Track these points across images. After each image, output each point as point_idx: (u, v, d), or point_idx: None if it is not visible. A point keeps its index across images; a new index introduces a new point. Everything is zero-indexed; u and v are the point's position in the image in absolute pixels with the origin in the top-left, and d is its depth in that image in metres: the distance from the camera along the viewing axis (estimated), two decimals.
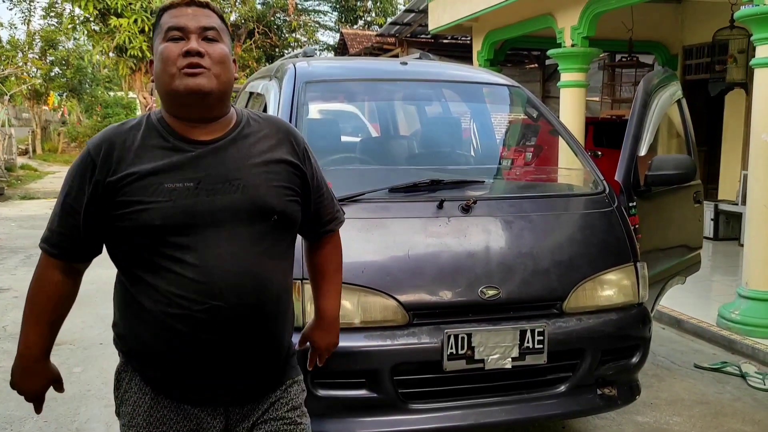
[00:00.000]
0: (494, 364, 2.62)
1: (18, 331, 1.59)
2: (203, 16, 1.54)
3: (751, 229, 5.05)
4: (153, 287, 1.50)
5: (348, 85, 3.82)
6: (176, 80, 1.49)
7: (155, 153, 1.51)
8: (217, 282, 1.48)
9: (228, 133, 1.58)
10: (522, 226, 2.92)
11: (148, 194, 1.46)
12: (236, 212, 1.51)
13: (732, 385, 4.14)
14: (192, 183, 1.49)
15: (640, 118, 3.45)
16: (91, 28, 17.98)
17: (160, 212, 1.46)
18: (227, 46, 1.57)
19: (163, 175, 1.48)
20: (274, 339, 1.63)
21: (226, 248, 1.49)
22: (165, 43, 1.52)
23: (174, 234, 1.47)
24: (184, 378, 1.55)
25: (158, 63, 1.53)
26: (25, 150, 25.47)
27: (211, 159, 1.52)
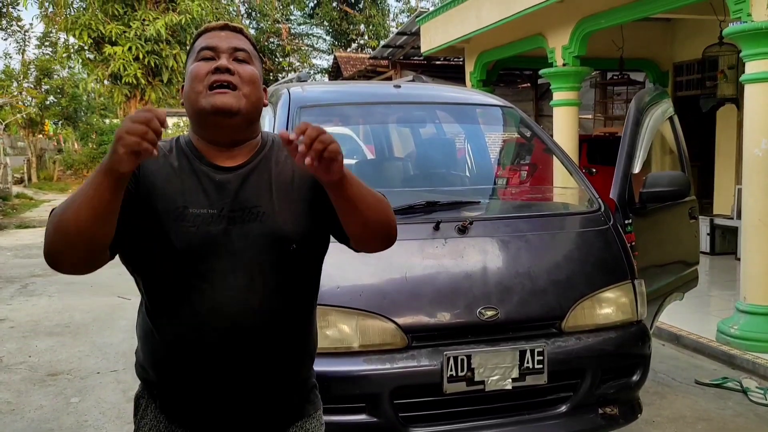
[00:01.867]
0: (494, 385, 2.61)
1: (15, 361, 1.56)
2: (235, 38, 1.55)
3: (747, 243, 5.06)
4: (167, 314, 1.49)
5: (342, 109, 3.85)
6: (202, 98, 1.47)
7: (183, 177, 1.49)
8: (230, 312, 1.45)
9: (252, 158, 1.54)
10: (518, 245, 2.93)
11: (173, 218, 1.44)
12: (254, 241, 1.47)
13: (734, 401, 4.13)
14: (215, 210, 1.46)
15: (633, 135, 3.48)
16: (86, 56, 18.09)
17: (183, 237, 1.44)
18: (258, 71, 1.56)
19: (188, 200, 1.46)
20: (289, 371, 1.58)
21: (243, 278, 1.46)
22: (196, 62, 1.51)
23: (193, 260, 1.45)
24: (196, 407, 1.53)
25: (187, 82, 1.51)
26: (21, 179, 25.46)
27: (234, 186, 1.49)
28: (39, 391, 4.41)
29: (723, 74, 8.15)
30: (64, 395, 4.33)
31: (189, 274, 1.45)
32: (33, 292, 7.60)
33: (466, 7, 8.74)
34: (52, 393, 4.38)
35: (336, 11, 28.88)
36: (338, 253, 2.78)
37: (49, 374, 4.75)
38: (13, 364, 4.98)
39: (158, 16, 16.64)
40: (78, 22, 16.49)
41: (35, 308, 6.78)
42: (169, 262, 1.45)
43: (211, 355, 1.48)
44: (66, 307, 6.73)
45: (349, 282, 2.65)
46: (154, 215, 1.44)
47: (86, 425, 3.88)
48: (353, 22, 29.00)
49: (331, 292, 2.60)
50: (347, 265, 2.69)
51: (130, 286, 6.53)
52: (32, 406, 4.17)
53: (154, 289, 1.52)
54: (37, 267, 9.18)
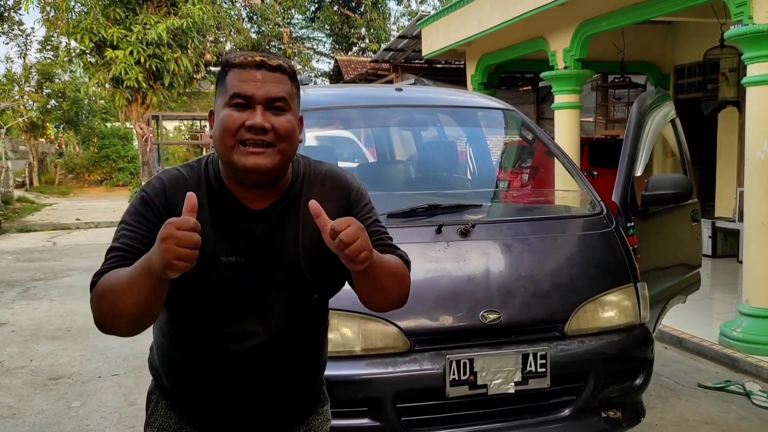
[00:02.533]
0: (497, 389, 2.60)
1: (16, 365, 1.57)
2: (273, 82, 1.41)
3: (749, 246, 5.05)
4: (187, 333, 1.53)
5: (343, 112, 3.85)
6: (234, 155, 1.39)
7: (213, 221, 1.44)
8: (250, 344, 1.49)
9: (281, 198, 1.49)
10: (521, 249, 2.92)
11: (205, 265, 1.36)
12: (277, 286, 1.48)
13: (737, 404, 4.11)
14: (243, 258, 1.45)
15: (635, 138, 3.47)
16: (87, 60, 18.09)
17: (210, 283, 1.42)
18: (295, 114, 1.46)
19: (217, 246, 1.43)
20: (302, 385, 1.63)
21: (266, 324, 1.49)
22: (227, 109, 1.40)
23: (216, 302, 1.46)
24: (208, 411, 1.56)
25: (217, 129, 1.41)
26: (22, 182, 25.48)
27: (261, 230, 1.47)
28: (40, 396, 4.41)
29: (724, 77, 8.14)
30: (65, 399, 4.32)
31: (215, 314, 1.48)
32: (34, 296, 7.60)
33: (467, 11, 8.74)
34: (53, 397, 4.37)
35: (337, 15, 28.91)
36: None
37: (51, 378, 4.74)
38: (14, 369, 4.98)
39: (160, 20, 16.65)
40: (79, 26, 16.49)
41: (37, 312, 6.78)
42: (194, 300, 1.45)
43: (227, 373, 1.52)
44: (67, 311, 6.73)
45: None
46: None
47: (87, 430, 3.87)
48: (354, 26, 29.03)
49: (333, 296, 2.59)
50: None
51: None
52: (33, 410, 4.16)
53: (176, 313, 1.52)
54: (38, 271, 9.19)
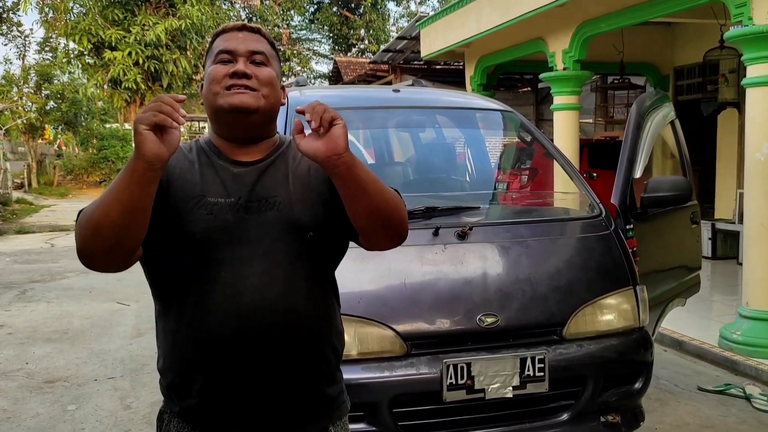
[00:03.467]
0: (495, 393, 2.58)
1: (12, 368, 1.53)
2: (253, 40, 1.57)
3: (749, 248, 5.03)
4: (187, 305, 1.49)
5: (341, 113, 3.81)
6: (220, 98, 1.50)
7: (201, 169, 1.53)
8: (248, 302, 1.46)
9: (269, 154, 1.58)
10: (519, 251, 2.89)
11: (191, 207, 1.47)
12: (271, 230, 1.49)
13: (737, 408, 4.09)
14: (232, 199, 1.49)
15: (634, 140, 3.45)
16: (86, 61, 18.10)
17: (201, 225, 1.46)
18: (276, 71, 1.58)
19: (206, 190, 1.50)
20: (310, 364, 1.55)
21: (260, 267, 1.47)
22: (214, 65, 1.54)
23: (211, 247, 1.47)
24: (218, 403, 1.51)
25: (206, 84, 1.55)
26: (21, 184, 25.44)
27: (251, 178, 1.53)
28: (36, 399, 4.38)
29: (724, 78, 8.11)
30: (61, 403, 4.29)
31: (208, 261, 1.47)
32: (32, 297, 7.57)
33: (466, 12, 8.72)
34: (49, 400, 4.34)
35: (336, 16, 28.92)
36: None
37: (47, 381, 4.71)
38: (10, 371, 4.94)
39: (158, 21, 16.64)
40: (78, 27, 16.50)
41: (33, 314, 6.75)
42: (188, 249, 1.47)
43: (231, 345, 1.47)
44: (64, 313, 6.70)
45: (348, 289, 2.60)
46: (174, 204, 1.48)
47: None
48: (353, 27, 29.03)
49: None
50: (345, 271, 2.64)
51: (128, 292, 6.54)
52: (29, 413, 4.13)
53: (173, 281, 1.51)
54: (36, 273, 9.15)
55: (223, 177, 1.52)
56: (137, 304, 6.91)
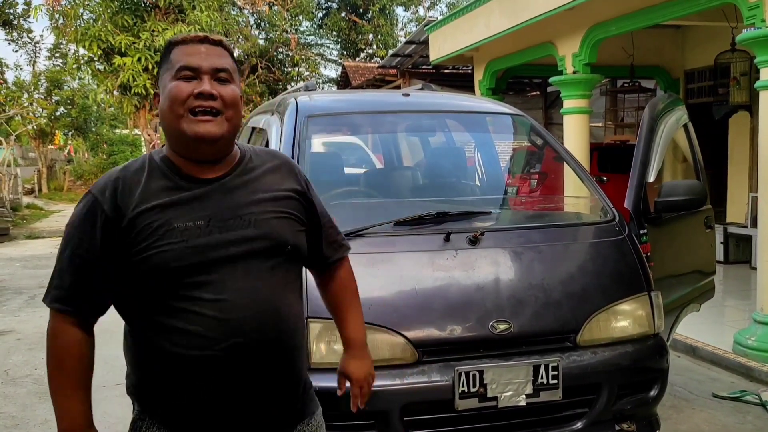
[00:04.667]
0: (508, 401, 2.53)
1: (21, 374, 1.54)
2: (216, 56, 1.50)
3: (763, 252, 4.96)
4: (171, 330, 1.47)
5: (350, 118, 3.79)
6: (184, 123, 1.46)
7: (161, 194, 1.47)
8: (237, 318, 1.46)
9: (233, 169, 1.55)
10: (531, 257, 2.85)
11: (159, 236, 1.43)
12: (251, 246, 1.49)
13: (753, 415, 4.02)
14: (202, 221, 1.46)
15: (647, 144, 3.40)
16: (96, 67, 18.16)
17: (173, 254, 1.43)
18: (238, 86, 1.55)
19: (172, 216, 1.45)
20: (293, 371, 1.60)
21: (243, 283, 1.47)
22: (175, 81, 1.47)
23: (190, 274, 1.44)
24: (205, 417, 1.52)
25: (165, 101, 1.48)
26: (31, 189, 25.59)
27: (219, 195, 1.50)
28: (44, 405, 4.36)
29: (735, 81, 8.05)
30: None
31: (188, 287, 1.45)
32: (41, 303, 7.52)
33: (475, 15, 8.69)
34: None
35: (344, 21, 28.95)
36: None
37: None
38: (19, 377, 4.94)
39: (167, 27, 16.69)
40: (88, 33, 16.55)
41: (43, 320, 6.67)
42: (163, 281, 1.45)
43: (220, 362, 1.47)
44: None
45: None
46: (139, 240, 1.44)
47: None
48: (362, 32, 29.05)
49: None
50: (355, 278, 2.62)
51: None
52: (37, 420, 4.12)
53: (152, 309, 1.49)
54: (46, 278, 9.10)
55: (187, 198, 1.48)
56: None
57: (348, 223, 2.79)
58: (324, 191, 3.32)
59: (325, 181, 3.51)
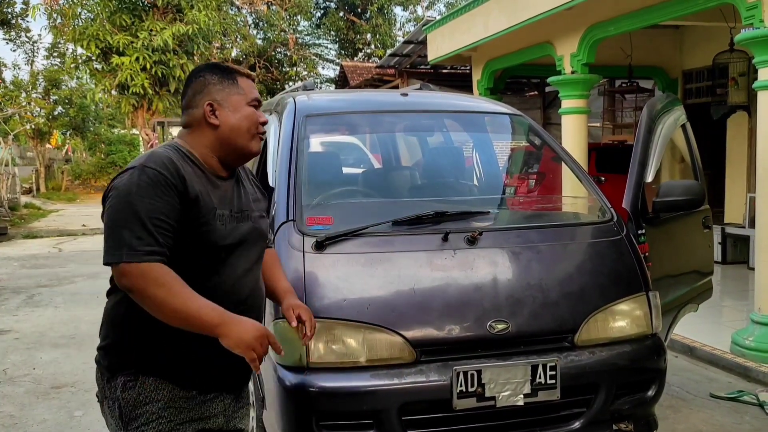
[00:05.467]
0: (506, 401, 2.54)
1: (19, 374, 1.55)
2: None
3: (760, 253, 4.97)
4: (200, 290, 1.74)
5: (348, 117, 3.79)
6: (253, 142, 1.90)
7: (203, 183, 1.81)
8: (243, 290, 1.88)
9: (235, 170, 1.97)
10: (529, 257, 2.85)
11: (210, 218, 1.78)
12: (250, 236, 1.91)
13: (750, 415, 4.03)
14: (228, 211, 1.85)
15: (646, 144, 3.40)
16: (94, 67, 18.16)
17: (218, 234, 1.79)
18: None
19: (215, 202, 1.81)
20: None
21: (245, 265, 1.89)
22: (250, 108, 1.90)
23: (221, 252, 1.81)
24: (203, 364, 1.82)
25: (243, 121, 1.88)
26: (29, 189, 25.55)
27: (233, 192, 1.91)
28: (42, 405, 4.36)
29: (734, 81, 8.05)
30: (67, 408, 4.27)
31: (215, 262, 1.81)
32: (39, 302, 7.57)
33: (473, 15, 8.69)
34: (55, 406, 4.32)
35: (343, 21, 28.94)
36: (345, 266, 2.71)
37: (54, 387, 4.69)
38: (17, 377, 4.93)
39: (165, 27, 16.68)
40: (86, 32, 16.55)
41: (41, 319, 6.74)
42: (205, 254, 1.79)
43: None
44: (72, 318, 6.69)
45: (356, 295, 2.58)
46: (198, 216, 1.77)
47: None
48: (360, 32, 29.04)
49: (337, 305, 2.54)
50: (354, 277, 2.63)
51: None
52: (35, 419, 4.12)
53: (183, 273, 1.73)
54: (44, 277, 9.16)
55: (219, 191, 1.86)
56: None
57: (346, 223, 2.80)
58: (323, 191, 3.34)
59: (323, 181, 3.51)
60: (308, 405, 2.47)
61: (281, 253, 2.57)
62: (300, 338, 2.10)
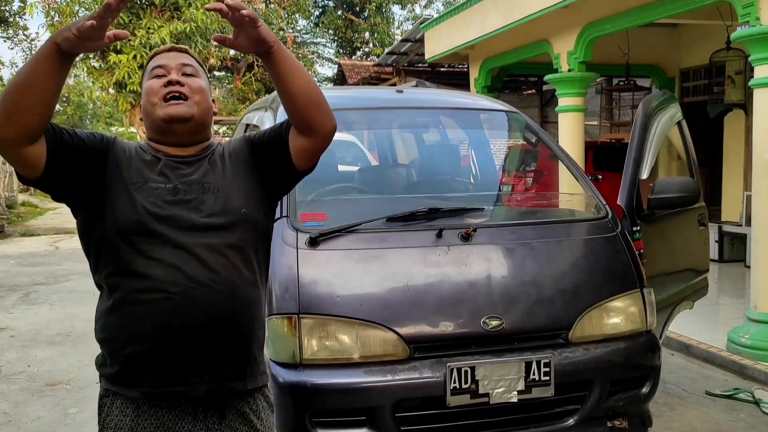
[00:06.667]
0: (499, 397, 2.53)
1: (14, 371, 1.54)
2: (182, 57, 1.78)
3: (757, 250, 4.97)
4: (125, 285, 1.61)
5: (343, 114, 3.77)
6: (159, 109, 1.68)
7: (142, 162, 1.69)
8: (188, 276, 1.59)
9: (203, 150, 1.76)
10: (524, 253, 2.85)
11: (135, 188, 1.63)
12: (210, 210, 1.65)
13: (746, 413, 4.03)
14: (171, 185, 1.66)
15: (641, 141, 3.40)
16: (91, 64, 18.11)
17: (142, 205, 1.61)
18: (205, 82, 1.77)
19: (148, 177, 1.66)
20: (241, 330, 1.67)
21: (198, 241, 1.61)
22: (150, 80, 1.74)
23: (154, 225, 1.60)
24: (160, 369, 1.61)
25: (144, 98, 1.74)
26: (26, 187, 25.53)
27: (187, 168, 1.71)
28: (37, 402, 4.35)
29: (730, 80, 8.05)
30: (62, 406, 4.26)
31: (150, 238, 1.60)
32: (35, 300, 7.55)
33: (470, 13, 8.69)
34: (50, 404, 4.31)
35: (341, 19, 28.92)
36: (339, 262, 2.70)
37: (48, 384, 4.68)
38: (12, 374, 4.92)
39: (163, 25, 16.65)
40: None
41: (36, 317, 6.73)
42: (130, 226, 1.60)
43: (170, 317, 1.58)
44: (67, 316, 6.68)
45: (349, 291, 2.58)
46: (120, 185, 1.63)
47: None
48: (358, 30, 29.03)
49: (330, 302, 2.53)
50: (347, 274, 2.62)
51: None
52: (29, 417, 4.10)
53: (116, 263, 1.62)
54: (40, 275, 9.15)
55: (162, 167, 1.68)
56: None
57: (340, 219, 2.79)
58: (318, 187, 3.33)
59: (318, 178, 3.50)
60: (301, 402, 2.46)
61: (275, 249, 2.56)
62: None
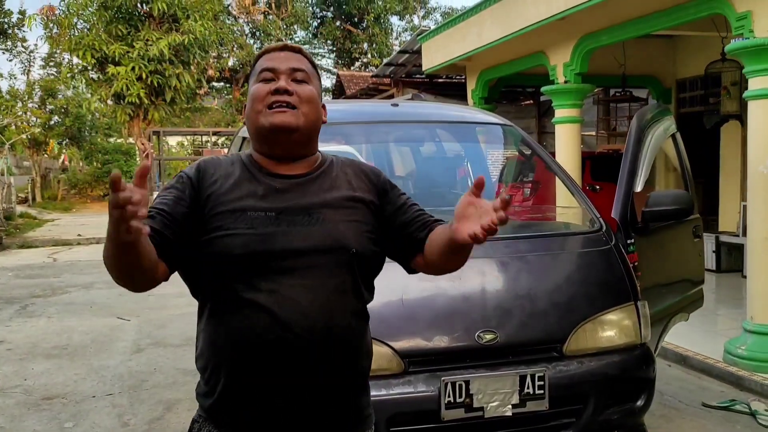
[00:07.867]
0: (494, 411, 2.54)
1: (10, 385, 1.49)
2: (294, 59, 1.61)
3: (753, 261, 4.98)
4: (227, 317, 1.50)
5: (340, 128, 3.80)
6: (262, 117, 1.54)
7: (243, 185, 1.55)
8: (287, 313, 1.46)
9: (312, 170, 1.60)
10: (518, 266, 2.86)
11: (232, 221, 1.49)
12: (315, 244, 1.50)
13: (742, 424, 4.02)
14: (273, 213, 1.51)
15: (635, 153, 3.42)
16: (90, 76, 18.18)
17: (242, 239, 1.47)
18: (316, 89, 1.62)
19: (247, 204, 1.51)
20: (343, 377, 1.55)
21: (301, 280, 1.48)
22: (257, 84, 1.59)
23: (253, 262, 1.47)
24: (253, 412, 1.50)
25: (249, 102, 1.60)
26: (25, 198, 25.53)
27: (294, 192, 1.55)
28: (33, 416, 4.34)
29: (726, 91, 8.09)
30: (58, 420, 4.25)
31: (250, 275, 1.47)
32: (32, 313, 7.54)
33: (467, 25, 8.74)
34: (46, 418, 4.30)
35: (339, 30, 29.07)
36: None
37: (44, 398, 4.67)
38: (8, 388, 4.91)
39: (161, 36, 16.73)
40: (82, 42, 16.58)
41: (34, 329, 6.72)
42: (229, 265, 1.48)
43: (268, 353, 1.47)
44: (65, 329, 6.67)
45: None
46: (214, 221, 1.50)
47: None
48: (356, 41, 29.17)
49: None
50: None
51: (129, 307, 6.54)
52: (25, 431, 4.09)
53: (217, 295, 1.52)
54: (38, 287, 9.14)
55: (263, 191, 1.54)
56: (138, 319, 6.89)
57: None
58: None
59: None
60: None
61: None
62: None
